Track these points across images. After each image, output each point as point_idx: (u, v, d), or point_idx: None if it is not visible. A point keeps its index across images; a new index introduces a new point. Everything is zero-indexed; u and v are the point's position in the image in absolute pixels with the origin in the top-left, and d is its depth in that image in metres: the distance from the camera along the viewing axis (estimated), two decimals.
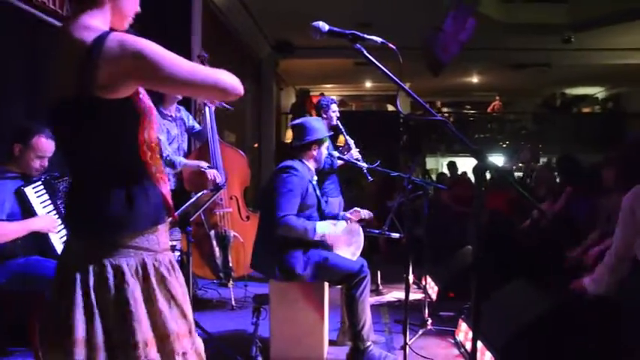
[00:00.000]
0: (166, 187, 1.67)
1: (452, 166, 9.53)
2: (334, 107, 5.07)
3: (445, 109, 15.79)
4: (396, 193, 7.24)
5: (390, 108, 13.43)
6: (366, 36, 1.88)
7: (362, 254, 3.63)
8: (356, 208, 3.68)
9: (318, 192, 3.59)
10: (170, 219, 1.68)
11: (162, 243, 1.62)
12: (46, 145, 3.10)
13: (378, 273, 5.57)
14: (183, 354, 1.57)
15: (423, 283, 4.89)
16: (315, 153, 3.57)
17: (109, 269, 1.51)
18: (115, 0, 1.58)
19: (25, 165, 3.12)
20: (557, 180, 6.02)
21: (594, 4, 9.30)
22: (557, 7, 9.82)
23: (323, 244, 3.43)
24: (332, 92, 15.58)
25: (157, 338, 1.53)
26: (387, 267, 5.78)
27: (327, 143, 3.66)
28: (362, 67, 10.80)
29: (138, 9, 1.68)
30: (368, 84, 14.52)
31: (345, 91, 16.02)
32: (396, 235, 4.10)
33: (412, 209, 5.21)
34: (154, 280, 1.56)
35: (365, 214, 3.65)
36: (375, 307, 4.91)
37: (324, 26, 1.89)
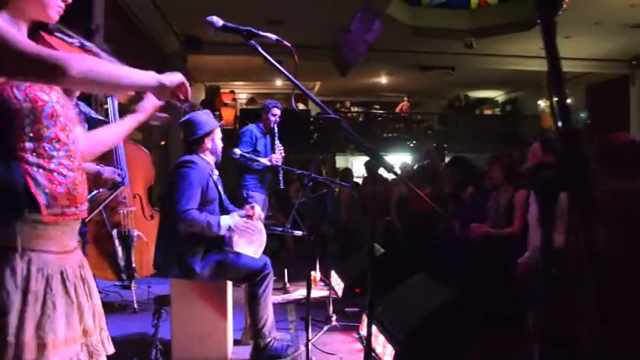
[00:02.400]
0: (56, 187, 1.54)
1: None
2: (275, 111, 5.30)
3: (355, 109, 16.07)
4: (299, 190, 7.33)
5: (301, 106, 13.49)
6: (260, 33, 1.87)
7: (271, 252, 3.64)
8: (252, 205, 3.68)
9: (220, 187, 3.54)
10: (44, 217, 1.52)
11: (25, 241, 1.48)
12: None
13: (285, 271, 5.59)
14: None
15: (330, 279, 4.95)
16: (209, 145, 3.54)
17: None
18: None
19: None
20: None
21: (493, 13, 9.81)
22: (460, 14, 10.26)
23: (224, 243, 3.39)
24: (242, 90, 15.44)
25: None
26: (295, 265, 5.81)
27: (218, 133, 3.62)
28: (270, 65, 10.77)
29: None
30: (278, 82, 14.49)
31: (255, 89, 15.91)
32: (298, 233, 4.12)
33: (319, 207, 5.31)
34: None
35: (259, 213, 3.65)
36: (281, 305, 4.93)
37: (218, 21, 1.87)
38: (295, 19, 8.80)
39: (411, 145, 13.70)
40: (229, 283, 3.57)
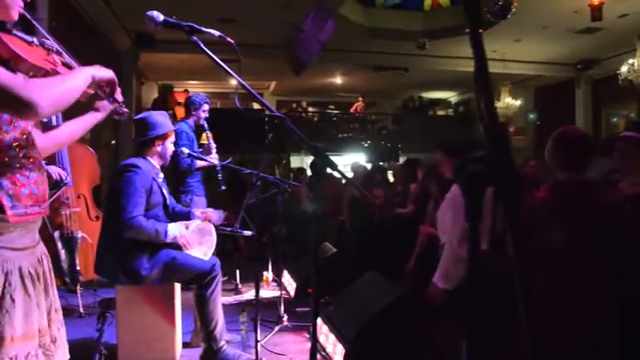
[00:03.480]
0: (19, 188, 1.57)
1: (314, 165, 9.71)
2: (206, 107, 4.97)
3: (310, 109, 16.07)
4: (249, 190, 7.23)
5: (256, 106, 13.40)
6: (203, 29, 1.84)
7: (224, 253, 3.58)
8: (206, 210, 3.62)
9: (164, 190, 3.45)
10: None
11: None
12: None
13: (237, 272, 5.53)
14: None
15: (282, 279, 4.93)
16: (159, 149, 3.42)
17: None
18: None
19: None
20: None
21: (446, 15, 9.97)
22: (413, 15, 10.39)
23: (172, 244, 3.31)
24: (196, 89, 15.21)
25: None
26: (247, 265, 5.76)
27: (172, 138, 3.52)
28: (226, 64, 10.63)
29: None
30: (233, 81, 14.29)
31: (210, 88, 15.69)
32: (248, 233, 4.07)
33: (270, 207, 5.26)
34: None
35: (215, 218, 3.59)
36: (232, 306, 4.88)
37: (158, 16, 1.83)
38: (249, 17, 8.71)
39: (366, 145, 13.80)
40: (177, 285, 3.50)
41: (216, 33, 1.86)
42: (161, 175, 3.46)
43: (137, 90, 11.94)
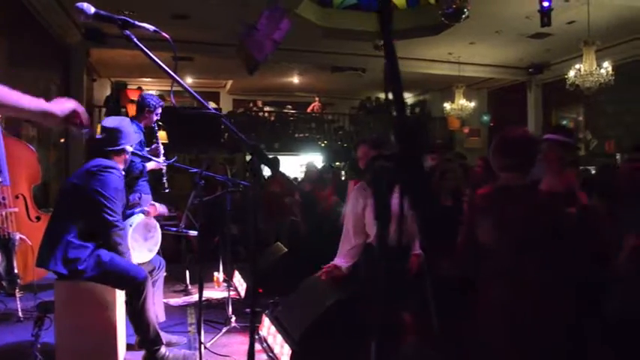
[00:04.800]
0: None
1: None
2: (159, 110, 4.84)
3: (267, 108, 15.96)
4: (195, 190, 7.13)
5: (213, 105, 13.21)
6: (137, 23, 1.78)
7: (177, 254, 3.54)
8: (152, 202, 3.59)
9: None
10: None
11: None
12: None
13: (187, 272, 5.44)
14: None
15: (233, 280, 4.87)
16: (127, 156, 3.48)
17: None
18: None
19: None
20: None
21: (402, 17, 10.06)
22: (370, 16, 10.43)
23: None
24: (150, 86, 14.92)
25: None
26: (198, 266, 5.66)
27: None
28: (180, 62, 10.43)
29: None
30: (189, 79, 14.10)
31: (165, 86, 15.39)
32: (193, 233, 4.01)
33: (221, 206, 5.20)
34: None
35: (161, 209, 3.54)
36: (181, 308, 4.80)
37: (89, 8, 1.77)
38: (204, 14, 8.58)
39: (322, 144, 13.80)
40: None
41: (151, 28, 1.81)
42: None
43: (89, 87, 11.63)
